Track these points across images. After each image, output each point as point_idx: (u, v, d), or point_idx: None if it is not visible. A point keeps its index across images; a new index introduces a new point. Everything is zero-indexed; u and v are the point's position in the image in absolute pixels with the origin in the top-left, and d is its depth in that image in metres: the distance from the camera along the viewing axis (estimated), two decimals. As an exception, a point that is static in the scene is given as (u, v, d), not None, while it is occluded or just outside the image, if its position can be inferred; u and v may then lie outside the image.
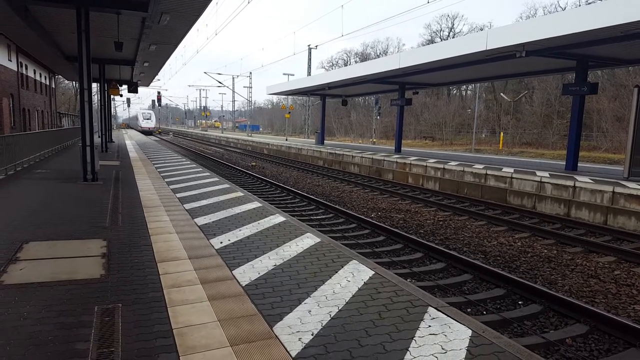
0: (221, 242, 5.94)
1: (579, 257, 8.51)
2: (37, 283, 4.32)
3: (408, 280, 6.44)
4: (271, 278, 4.67)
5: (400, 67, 18.75)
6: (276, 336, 3.40)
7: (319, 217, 11.32)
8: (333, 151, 26.18)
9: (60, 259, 5.08)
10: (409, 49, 59.22)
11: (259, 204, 8.83)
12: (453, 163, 18.30)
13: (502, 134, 43.15)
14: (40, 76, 33.12)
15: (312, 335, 3.44)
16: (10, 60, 24.29)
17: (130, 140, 34.59)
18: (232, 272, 4.80)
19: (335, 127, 74.00)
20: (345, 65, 76.60)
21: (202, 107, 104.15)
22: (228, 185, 11.33)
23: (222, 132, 76.34)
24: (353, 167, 23.39)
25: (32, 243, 5.66)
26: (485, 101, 56.36)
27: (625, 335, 5.09)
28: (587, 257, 8.54)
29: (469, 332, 3.56)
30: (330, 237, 7.19)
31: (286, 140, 44.88)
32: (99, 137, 23.38)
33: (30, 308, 3.75)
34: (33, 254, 5.24)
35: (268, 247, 5.83)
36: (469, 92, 63.52)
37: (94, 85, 29.64)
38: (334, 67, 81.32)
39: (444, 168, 17.10)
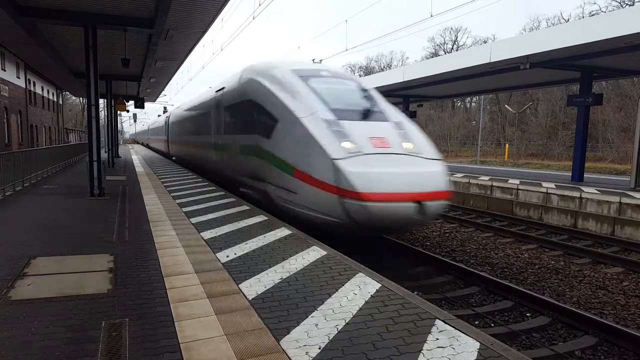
0: (227, 256, 5.94)
1: (587, 268, 8.44)
2: (45, 298, 4.33)
3: (415, 293, 6.41)
4: (277, 291, 4.67)
5: (405, 80, 18.88)
6: (283, 350, 3.39)
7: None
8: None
9: (67, 274, 5.10)
10: (413, 62, 59.57)
11: (265, 217, 8.84)
12: (458, 175, 18.27)
13: (507, 145, 43.13)
14: (48, 93, 33.55)
15: (319, 349, 3.43)
16: (19, 78, 24.66)
17: (136, 155, 34.82)
18: (239, 285, 4.80)
19: (340, 140, 74.01)
20: (349, 78, 76.75)
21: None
22: (234, 199, 11.36)
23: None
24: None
25: (40, 258, 5.69)
26: (490, 113, 56.48)
27: (634, 347, 5.04)
28: (594, 268, 8.47)
29: (477, 345, 3.54)
30: (335, 250, 7.17)
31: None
32: (105, 152, 23.54)
33: (38, 323, 3.77)
34: (40, 269, 5.26)
35: (274, 260, 5.82)
36: (473, 104, 63.70)
37: (101, 101, 29.96)
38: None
39: (449, 180, 17.04)
